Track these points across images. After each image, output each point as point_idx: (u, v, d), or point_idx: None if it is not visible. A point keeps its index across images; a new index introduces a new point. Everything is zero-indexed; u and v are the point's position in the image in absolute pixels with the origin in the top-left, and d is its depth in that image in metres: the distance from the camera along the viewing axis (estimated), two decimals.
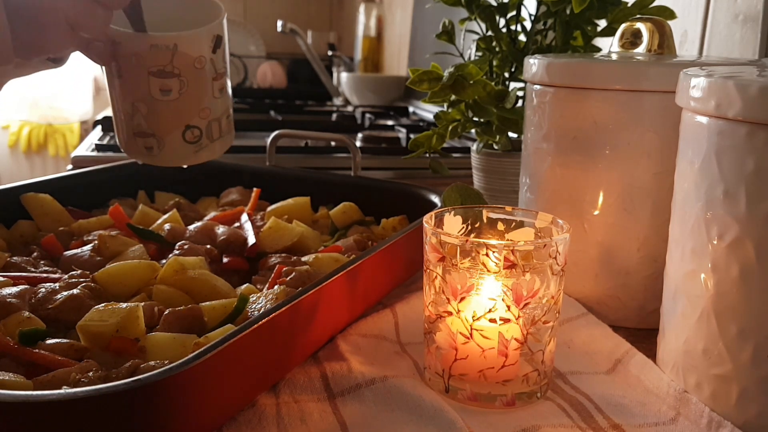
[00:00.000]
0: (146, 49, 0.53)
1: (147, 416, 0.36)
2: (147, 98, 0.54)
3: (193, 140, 0.56)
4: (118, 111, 0.56)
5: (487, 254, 0.46)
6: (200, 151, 0.57)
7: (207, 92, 0.55)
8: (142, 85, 0.54)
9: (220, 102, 0.57)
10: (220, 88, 0.57)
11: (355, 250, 0.66)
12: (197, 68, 0.54)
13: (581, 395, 0.50)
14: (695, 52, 0.86)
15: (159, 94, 0.54)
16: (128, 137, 0.56)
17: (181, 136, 0.56)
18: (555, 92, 0.64)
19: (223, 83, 0.57)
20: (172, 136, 0.55)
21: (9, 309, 0.49)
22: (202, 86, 0.55)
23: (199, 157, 0.58)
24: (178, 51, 0.53)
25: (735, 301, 0.45)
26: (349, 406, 0.47)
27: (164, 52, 0.53)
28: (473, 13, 0.86)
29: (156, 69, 0.53)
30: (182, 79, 0.54)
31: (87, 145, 1.21)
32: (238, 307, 0.52)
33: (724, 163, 0.45)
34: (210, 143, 0.57)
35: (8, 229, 0.68)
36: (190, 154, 0.57)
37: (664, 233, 0.55)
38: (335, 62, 2.39)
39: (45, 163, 3.25)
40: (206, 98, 0.55)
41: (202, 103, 0.55)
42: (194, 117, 0.55)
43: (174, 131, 0.55)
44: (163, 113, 0.55)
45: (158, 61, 0.53)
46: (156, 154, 0.56)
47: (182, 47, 0.53)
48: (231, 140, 0.60)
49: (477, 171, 0.92)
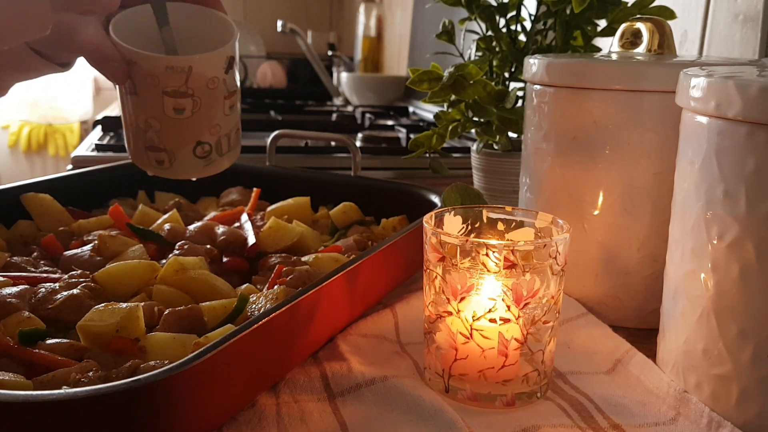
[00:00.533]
0: (162, 71, 0.53)
1: (147, 416, 0.36)
2: (160, 116, 0.55)
3: (203, 155, 0.57)
4: (129, 125, 0.57)
5: (487, 254, 0.46)
6: (209, 165, 0.58)
7: (218, 110, 0.57)
8: (157, 103, 0.55)
9: (230, 119, 0.59)
10: (231, 106, 0.58)
11: (355, 250, 0.66)
12: (210, 88, 0.55)
13: (581, 395, 0.50)
14: (695, 52, 0.86)
15: (173, 113, 0.55)
16: (139, 150, 0.58)
17: (192, 152, 0.57)
18: (555, 92, 0.64)
19: (234, 101, 0.58)
20: (184, 152, 0.57)
21: (9, 309, 0.49)
22: (214, 105, 0.56)
23: (208, 171, 0.59)
24: (192, 72, 0.54)
25: (735, 301, 0.45)
26: (349, 406, 0.47)
27: (179, 74, 0.54)
28: (473, 13, 0.86)
29: (171, 89, 0.54)
30: (195, 98, 0.55)
31: (87, 145, 1.21)
32: (238, 307, 0.52)
33: (724, 163, 0.45)
34: (219, 157, 0.59)
35: (8, 229, 0.68)
36: (200, 168, 0.58)
37: (664, 233, 0.55)
38: (335, 62, 2.39)
39: (45, 163, 3.25)
40: (217, 116, 0.57)
41: (213, 121, 0.57)
42: (205, 134, 0.57)
43: (185, 147, 0.56)
44: (175, 130, 0.56)
45: (173, 82, 0.54)
46: (167, 167, 0.57)
47: (197, 69, 0.54)
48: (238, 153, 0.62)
49: (477, 171, 0.92)
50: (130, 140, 0.58)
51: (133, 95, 0.55)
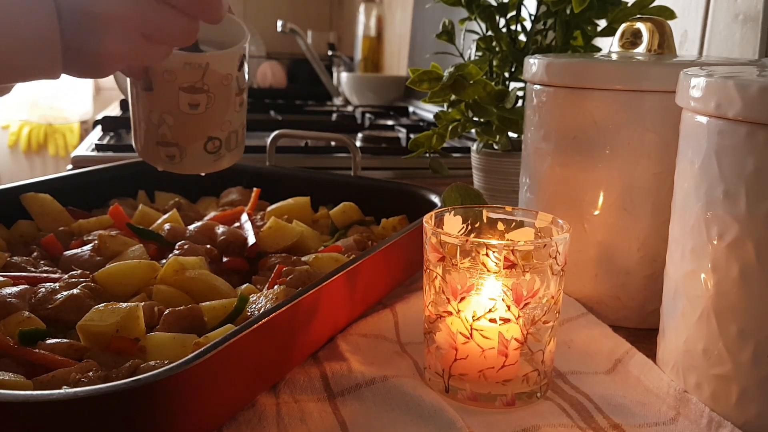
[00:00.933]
0: (180, 67, 0.55)
1: (147, 416, 0.36)
2: (175, 111, 0.56)
3: (214, 150, 0.59)
4: (141, 120, 0.59)
5: (487, 254, 0.46)
6: (219, 160, 0.60)
7: (230, 107, 0.58)
8: (172, 99, 0.56)
9: (240, 115, 0.60)
10: (240, 102, 0.59)
11: (355, 250, 0.66)
12: (224, 85, 0.57)
13: (581, 395, 0.50)
14: (695, 52, 0.86)
15: (187, 108, 0.56)
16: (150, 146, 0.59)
17: (203, 147, 0.58)
18: (555, 92, 0.64)
19: (243, 98, 0.60)
20: (195, 147, 0.58)
21: (9, 309, 0.49)
22: (226, 101, 0.58)
23: (217, 166, 0.61)
24: (209, 69, 0.55)
25: (735, 301, 0.45)
26: (349, 406, 0.47)
27: (196, 70, 0.55)
28: (473, 13, 0.86)
29: (187, 85, 0.55)
30: (210, 94, 0.56)
31: (87, 145, 1.21)
32: (238, 307, 0.52)
33: (724, 163, 0.45)
34: (228, 153, 0.60)
35: (8, 229, 0.68)
36: (209, 163, 0.60)
37: (664, 233, 0.55)
38: (335, 62, 2.39)
39: (45, 163, 3.25)
40: (229, 112, 0.59)
41: (225, 117, 0.58)
42: (216, 129, 0.58)
43: (197, 142, 0.58)
44: (188, 126, 0.57)
45: (190, 78, 0.55)
46: (177, 162, 0.59)
47: (213, 66, 0.55)
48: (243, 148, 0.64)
49: (477, 171, 0.92)
50: (140, 136, 0.59)
51: (148, 91, 0.57)
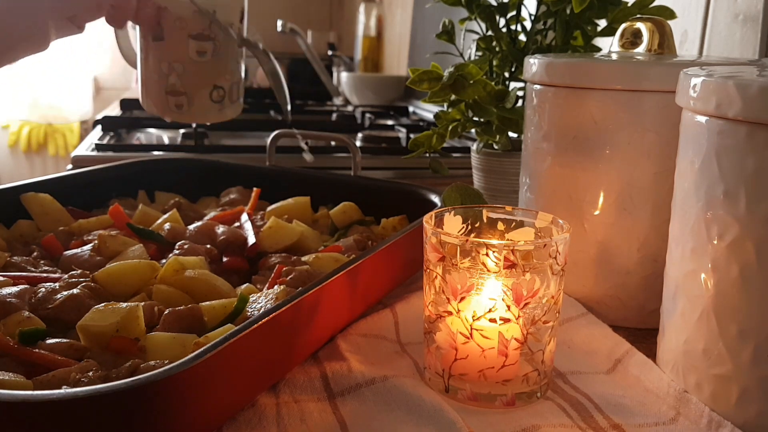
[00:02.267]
0: (190, 14, 0.59)
1: (147, 416, 0.36)
2: (184, 59, 0.61)
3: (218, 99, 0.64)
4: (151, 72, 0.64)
5: (487, 254, 0.46)
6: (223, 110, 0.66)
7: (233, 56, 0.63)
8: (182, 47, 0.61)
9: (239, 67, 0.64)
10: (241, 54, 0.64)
11: (355, 250, 0.66)
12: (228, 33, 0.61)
13: (581, 395, 0.50)
14: (695, 52, 0.86)
15: (195, 56, 0.61)
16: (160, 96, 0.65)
17: (209, 95, 0.63)
18: (555, 92, 0.64)
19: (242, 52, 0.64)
20: (201, 95, 0.62)
21: (9, 309, 0.49)
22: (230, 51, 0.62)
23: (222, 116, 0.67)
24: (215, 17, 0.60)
25: (735, 301, 0.45)
26: (349, 406, 0.47)
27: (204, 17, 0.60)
28: (473, 13, 0.86)
29: (196, 33, 0.60)
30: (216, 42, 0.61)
31: (87, 145, 1.21)
32: (238, 307, 0.52)
33: (724, 163, 0.45)
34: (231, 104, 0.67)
35: (8, 229, 0.68)
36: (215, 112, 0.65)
37: (664, 233, 0.55)
38: (335, 62, 2.39)
39: (45, 163, 3.26)
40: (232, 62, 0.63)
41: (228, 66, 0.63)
42: (221, 78, 0.63)
43: (203, 90, 0.62)
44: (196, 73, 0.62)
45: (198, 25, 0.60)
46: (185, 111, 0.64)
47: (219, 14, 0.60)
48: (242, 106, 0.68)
49: (477, 171, 0.92)
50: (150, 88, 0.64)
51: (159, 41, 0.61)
